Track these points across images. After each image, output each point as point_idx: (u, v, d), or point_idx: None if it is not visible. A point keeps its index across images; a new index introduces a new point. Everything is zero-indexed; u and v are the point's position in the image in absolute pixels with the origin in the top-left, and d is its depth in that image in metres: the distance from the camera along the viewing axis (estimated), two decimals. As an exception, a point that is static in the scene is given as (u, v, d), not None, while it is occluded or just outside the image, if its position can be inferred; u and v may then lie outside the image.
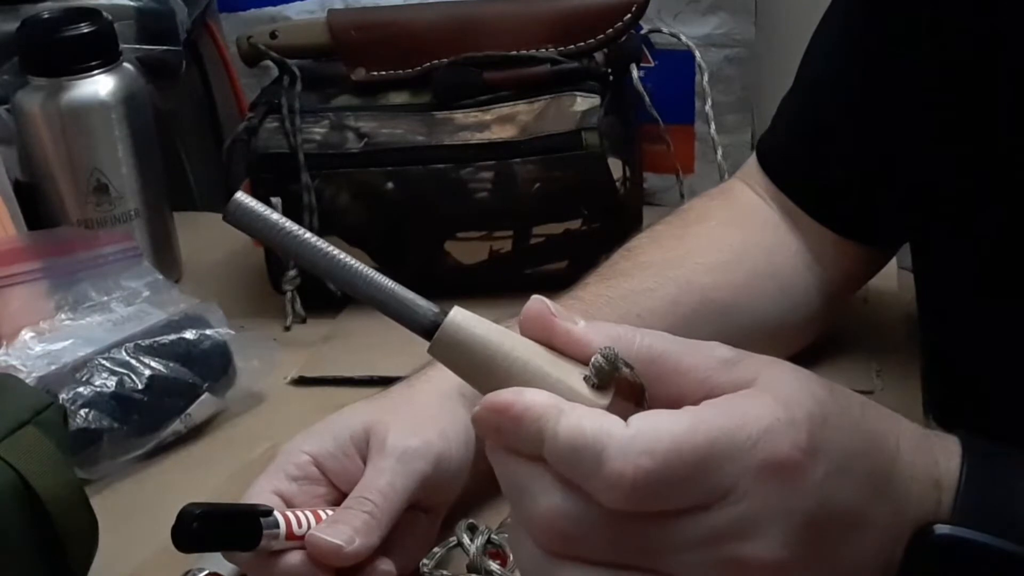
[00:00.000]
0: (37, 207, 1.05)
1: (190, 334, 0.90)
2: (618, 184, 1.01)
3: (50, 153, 1.04)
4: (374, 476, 0.68)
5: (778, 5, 1.28)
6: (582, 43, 1.04)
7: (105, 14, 1.06)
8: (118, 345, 0.88)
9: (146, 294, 0.97)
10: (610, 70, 1.04)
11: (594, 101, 1.01)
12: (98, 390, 0.85)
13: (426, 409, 0.72)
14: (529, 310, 0.50)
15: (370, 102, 1.05)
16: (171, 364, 0.88)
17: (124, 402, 0.85)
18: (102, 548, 0.71)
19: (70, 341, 0.90)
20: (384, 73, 1.05)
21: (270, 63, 1.08)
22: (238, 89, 1.36)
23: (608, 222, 1.01)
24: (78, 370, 0.86)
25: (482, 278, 1.03)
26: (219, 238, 1.17)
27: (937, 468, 0.52)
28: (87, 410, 0.83)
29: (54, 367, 0.87)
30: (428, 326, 0.50)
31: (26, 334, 0.91)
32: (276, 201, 1.01)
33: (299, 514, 0.67)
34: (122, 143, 1.05)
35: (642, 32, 1.10)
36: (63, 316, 0.94)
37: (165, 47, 1.23)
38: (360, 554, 0.66)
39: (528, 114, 1.01)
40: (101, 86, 1.03)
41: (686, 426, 0.45)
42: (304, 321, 1.03)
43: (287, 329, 1.02)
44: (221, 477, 0.83)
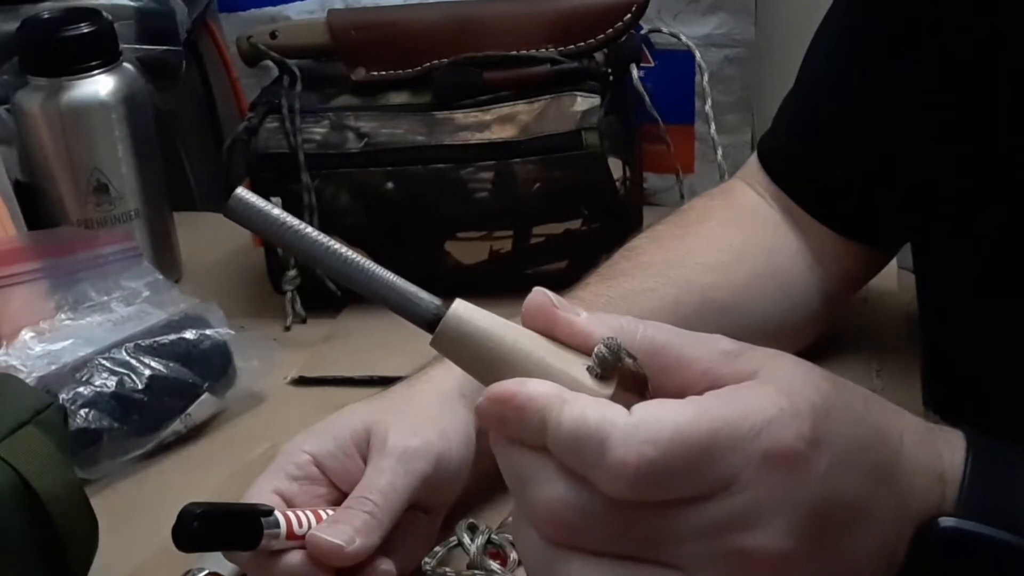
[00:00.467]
0: (37, 207, 1.05)
1: (190, 334, 0.90)
2: (618, 184, 1.01)
3: (50, 153, 1.04)
4: (375, 476, 0.68)
5: (778, 5, 1.28)
6: (582, 43, 1.04)
7: (105, 14, 1.06)
8: (118, 345, 0.88)
9: (146, 294, 0.97)
10: (610, 70, 1.04)
11: (594, 101, 1.01)
12: (98, 390, 0.85)
13: (426, 409, 0.72)
14: (531, 302, 0.50)
15: (370, 102, 1.05)
16: (171, 364, 0.88)
17: (124, 402, 0.85)
18: (102, 548, 0.71)
19: (70, 341, 0.90)
20: (384, 73, 1.05)
21: (270, 63, 1.08)
22: (238, 89, 1.36)
23: (608, 222, 1.01)
24: (78, 370, 0.86)
25: (482, 278, 1.03)
26: (219, 238, 1.17)
27: (941, 462, 0.52)
28: (87, 410, 0.83)
29: (54, 367, 0.87)
30: (430, 319, 0.50)
31: (26, 334, 0.91)
32: (276, 201, 1.00)
33: (299, 514, 0.67)
34: (122, 143, 1.05)
35: (642, 32, 1.10)
36: (63, 316, 0.94)
37: (165, 47, 1.23)
38: (360, 554, 0.66)
39: (528, 114, 1.01)
40: (101, 86, 1.03)
41: (690, 415, 0.45)
42: (304, 321, 1.03)
43: (287, 329, 1.02)
44: (221, 477, 0.83)
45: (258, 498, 0.68)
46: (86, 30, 1.03)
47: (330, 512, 0.69)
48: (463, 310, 0.49)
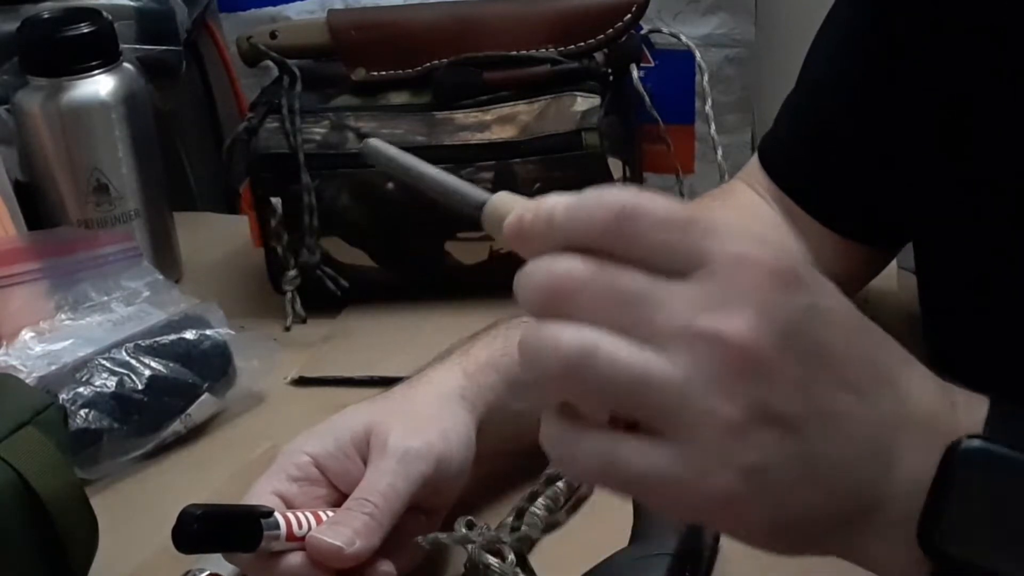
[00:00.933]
0: (37, 207, 1.05)
1: (190, 334, 0.90)
2: (618, 184, 1.01)
3: (50, 153, 1.04)
4: (375, 477, 0.68)
5: (778, 5, 1.28)
6: (582, 43, 1.03)
7: (105, 14, 1.06)
8: (118, 345, 0.88)
9: (146, 294, 0.97)
10: (610, 70, 1.04)
11: (594, 101, 1.01)
12: (98, 390, 0.85)
13: (427, 410, 0.72)
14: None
15: (370, 102, 1.04)
16: (171, 364, 0.88)
17: (124, 402, 0.85)
18: (102, 548, 0.71)
19: (70, 341, 0.91)
20: (384, 73, 1.05)
21: (270, 63, 1.08)
22: (238, 89, 1.37)
23: (608, 222, 1.00)
24: (78, 370, 0.86)
25: (482, 278, 1.03)
26: (219, 238, 1.17)
27: (953, 394, 0.50)
28: (87, 410, 0.83)
29: (54, 367, 0.87)
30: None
31: (26, 334, 0.91)
32: (276, 201, 1.01)
33: (299, 515, 0.67)
34: (122, 143, 1.05)
35: (642, 32, 1.10)
36: (63, 316, 0.94)
37: (165, 47, 1.23)
38: (360, 555, 0.66)
39: (528, 114, 1.01)
40: (101, 86, 1.03)
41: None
42: (304, 321, 1.03)
43: (287, 329, 1.02)
44: (221, 477, 0.83)
45: (258, 499, 0.68)
46: (86, 30, 1.03)
47: (330, 513, 0.69)
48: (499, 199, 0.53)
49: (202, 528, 0.63)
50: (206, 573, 0.71)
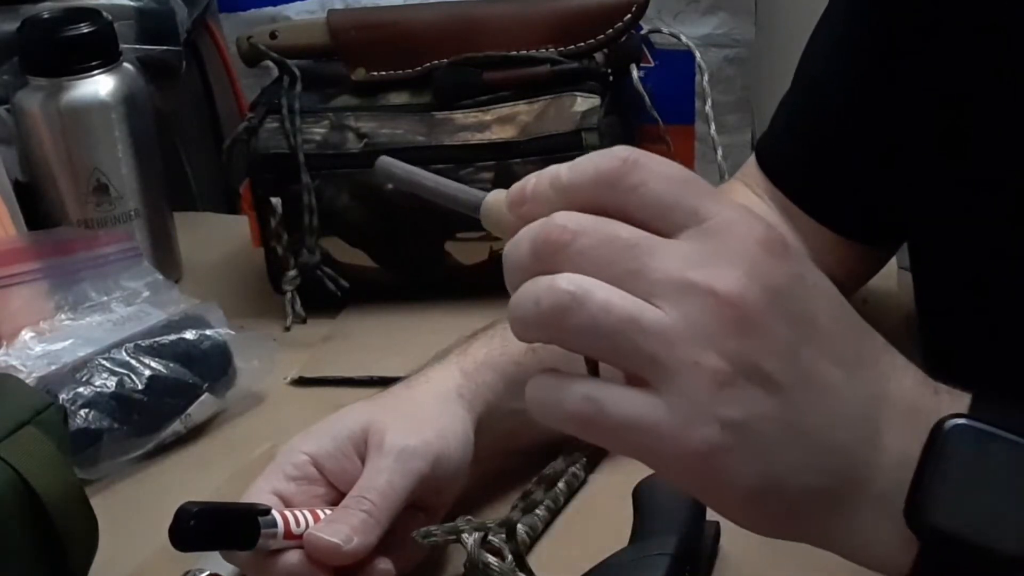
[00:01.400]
0: (37, 207, 1.05)
1: (190, 334, 0.90)
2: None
3: (50, 153, 1.04)
4: (372, 475, 0.69)
5: (778, 5, 1.28)
6: (582, 43, 1.03)
7: (105, 14, 1.06)
8: (118, 345, 0.88)
9: (146, 294, 0.97)
10: (610, 70, 1.04)
11: (594, 101, 1.01)
12: (98, 390, 0.85)
13: (424, 409, 0.72)
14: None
15: (370, 102, 1.04)
16: (171, 364, 0.88)
17: (124, 402, 0.85)
18: (102, 548, 0.71)
19: (70, 341, 0.91)
20: (384, 73, 1.05)
21: (270, 63, 1.08)
22: (238, 89, 1.37)
23: (608, 222, 1.01)
24: (78, 370, 0.86)
25: (482, 278, 1.03)
26: (219, 238, 1.17)
27: (936, 384, 0.51)
28: (87, 410, 0.83)
29: (54, 367, 0.87)
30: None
31: (26, 334, 0.91)
32: (276, 201, 1.01)
33: (297, 513, 0.67)
34: (122, 143, 1.05)
35: (642, 32, 1.10)
36: (63, 316, 0.94)
37: (165, 47, 1.23)
38: (358, 553, 0.66)
39: (528, 114, 1.01)
40: (101, 86, 1.03)
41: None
42: (304, 321, 1.03)
43: (287, 329, 1.02)
44: (221, 477, 0.83)
45: (256, 498, 0.68)
46: (86, 30, 1.03)
47: (328, 512, 0.69)
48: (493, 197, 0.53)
49: (199, 526, 0.63)
50: (206, 573, 0.71)
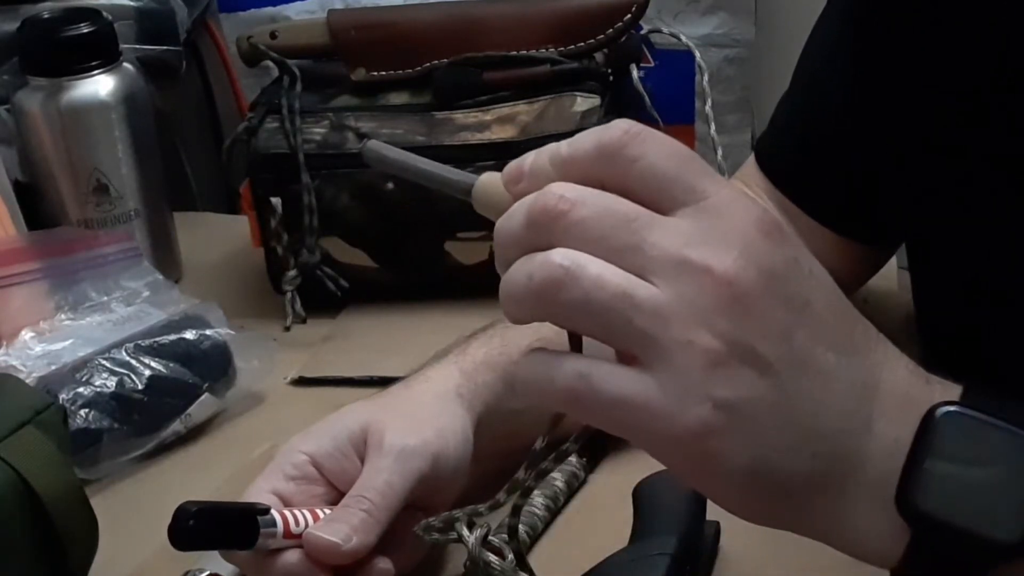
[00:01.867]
0: (37, 207, 1.05)
1: (190, 334, 0.90)
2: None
3: (50, 153, 1.04)
4: (372, 475, 0.69)
5: (778, 5, 1.28)
6: (582, 43, 1.04)
7: (105, 14, 1.06)
8: (118, 345, 0.88)
9: (146, 294, 0.97)
10: (610, 70, 1.04)
11: (594, 101, 1.01)
12: (98, 390, 0.85)
13: (424, 409, 0.72)
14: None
15: (370, 102, 1.05)
16: (171, 364, 0.88)
17: (124, 402, 0.85)
18: (102, 548, 0.71)
19: (70, 341, 0.91)
20: (384, 73, 1.05)
21: (270, 63, 1.08)
22: (238, 89, 1.37)
23: (608, 222, 1.01)
24: (78, 370, 0.86)
25: (482, 278, 1.02)
26: (219, 238, 1.17)
27: (927, 375, 0.51)
28: (87, 410, 0.83)
29: (54, 367, 0.87)
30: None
31: (26, 334, 0.91)
32: (276, 201, 1.01)
33: (296, 513, 0.67)
34: (122, 143, 1.05)
35: (642, 32, 1.10)
36: (63, 316, 0.94)
37: (165, 47, 1.23)
38: (357, 552, 0.66)
39: (528, 114, 1.01)
40: (101, 86, 1.03)
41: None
42: (304, 321, 1.03)
43: (287, 329, 1.02)
44: (221, 477, 0.83)
45: (256, 498, 0.68)
46: (86, 30, 1.03)
47: (327, 511, 0.69)
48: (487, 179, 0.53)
49: (198, 525, 0.63)
50: (206, 573, 0.71)
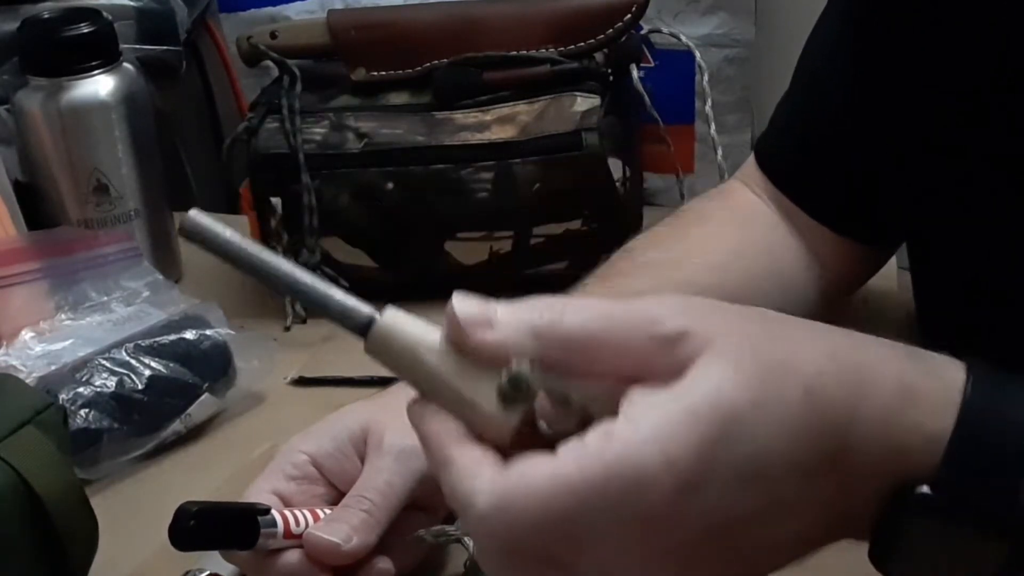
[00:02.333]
0: (37, 207, 1.05)
1: (190, 334, 0.90)
2: (618, 184, 1.01)
3: (50, 153, 1.04)
4: (372, 475, 0.69)
5: (778, 5, 1.28)
6: (582, 43, 1.04)
7: (105, 14, 1.06)
8: (118, 345, 0.88)
9: (146, 294, 0.97)
10: (610, 70, 1.04)
11: (594, 101, 1.01)
12: (98, 390, 0.85)
13: (424, 409, 0.72)
14: (447, 315, 0.49)
15: (370, 102, 1.05)
16: (171, 364, 0.88)
17: (124, 402, 0.85)
18: (102, 548, 0.71)
19: (70, 341, 0.91)
20: (384, 73, 1.05)
21: (270, 63, 1.08)
22: (238, 89, 1.37)
23: (608, 223, 1.01)
24: (78, 370, 0.86)
25: (482, 278, 1.03)
26: (219, 238, 1.16)
27: (919, 430, 0.50)
28: (87, 410, 0.83)
29: (54, 367, 0.87)
30: (362, 328, 0.51)
31: (26, 334, 0.91)
32: (276, 201, 1.01)
33: (297, 513, 0.67)
34: (122, 143, 1.05)
35: (642, 32, 1.10)
36: (63, 316, 0.94)
37: (165, 47, 1.23)
38: (358, 552, 0.66)
39: (528, 114, 1.01)
40: (101, 86, 1.03)
41: (549, 494, 0.46)
42: (304, 321, 1.03)
43: (287, 329, 1.02)
44: (221, 477, 0.83)
45: (256, 498, 0.68)
46: (86, 30, 1.03)
47: (327, 511, 0.69)
48: (388, 323, 0.50)
49: (198, 525, 0.63)
50: (206, 573, 0.71)
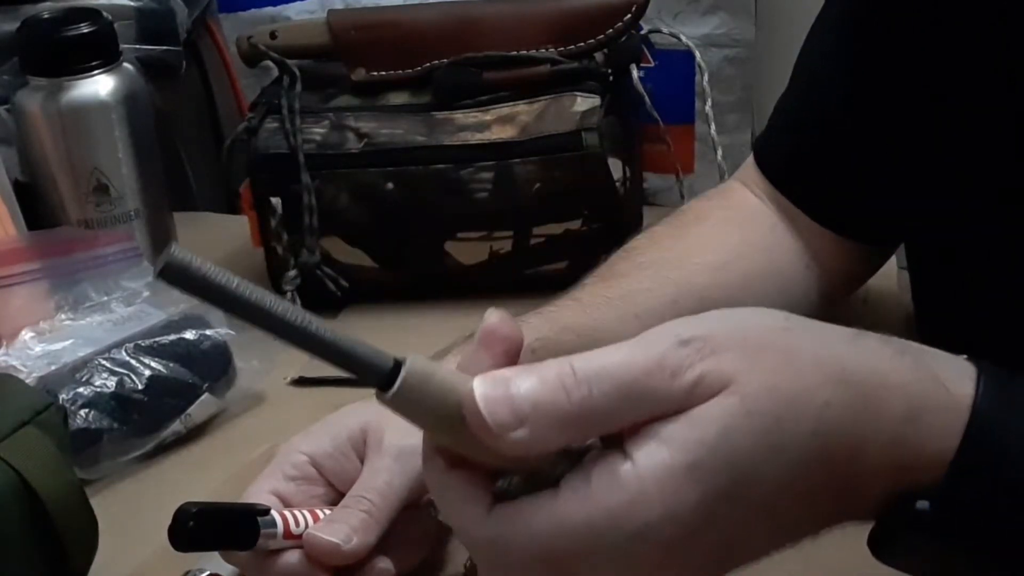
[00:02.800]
0: (37, 207, 1.05)
1: (190, 334, 0.90)
2: (618, 184, 1.01)
3: (50, 153, 1.04)
4: (371, 475, 0.69)
5: (778, 5, 1.28)
6: (582, 43, 1.04)
7: (105, 14, 1.06)
8: (118, 345, 0.88)
9: (146, 294, 0.97)
10: (610, 70, 1.04)
11: (594, 101, 1.01)
12: (98, 390, 0.85)
13: (424, 409, 0.72)
14: (467, 406, 0.48)
15: (370, 102, 1.05)
16: (171, 364, 0.88)
17: (124, 402, 0.85)
18: (102, 548, 0.71)
19: (70, 341, 0.91)
20: (384, 73, 1.05)
21: (270, 63, 1.08)
22: (238, 89, 1.37)
23: (608, 222, 1.01)
24: (78, 370, 0.86)
25: (482, 278, 1.03)
26: (219, 238, 1.17)
27: (924, 450, 0.50)
28: (87, 410, 0.83)
29: (54, 367, 0.87)
30: (382, 380, 0.48)
31: (26, 334, 0.91)
32: (276, 201, 1.01)
33: (296, 513, 0.67)
34: (122, 143, 1.05)
35: (642, 32, 1.10)
36: (63, 316, 0.94)
37: (165, 47, 1.23)
38: (358, 552, 0.66)
39: (528, 114, 1.01)
40: (101, 86, 1.03)
41: (550, 534, 0.47)
42: (304, 321, 1.03)
43: (287, 329, 1.02)
44: (221, 477, 0.83)
45: (255, 499, 0.68)
46: (86, 30, 1.03)
47: (327, 512, 0.69)
48: (414, 379, 0.47)
49: (198, 526, 0.63)
50: (206, 573, 0.71)
